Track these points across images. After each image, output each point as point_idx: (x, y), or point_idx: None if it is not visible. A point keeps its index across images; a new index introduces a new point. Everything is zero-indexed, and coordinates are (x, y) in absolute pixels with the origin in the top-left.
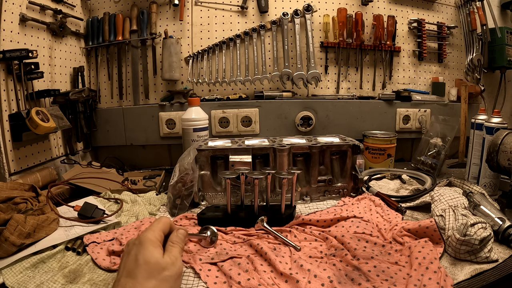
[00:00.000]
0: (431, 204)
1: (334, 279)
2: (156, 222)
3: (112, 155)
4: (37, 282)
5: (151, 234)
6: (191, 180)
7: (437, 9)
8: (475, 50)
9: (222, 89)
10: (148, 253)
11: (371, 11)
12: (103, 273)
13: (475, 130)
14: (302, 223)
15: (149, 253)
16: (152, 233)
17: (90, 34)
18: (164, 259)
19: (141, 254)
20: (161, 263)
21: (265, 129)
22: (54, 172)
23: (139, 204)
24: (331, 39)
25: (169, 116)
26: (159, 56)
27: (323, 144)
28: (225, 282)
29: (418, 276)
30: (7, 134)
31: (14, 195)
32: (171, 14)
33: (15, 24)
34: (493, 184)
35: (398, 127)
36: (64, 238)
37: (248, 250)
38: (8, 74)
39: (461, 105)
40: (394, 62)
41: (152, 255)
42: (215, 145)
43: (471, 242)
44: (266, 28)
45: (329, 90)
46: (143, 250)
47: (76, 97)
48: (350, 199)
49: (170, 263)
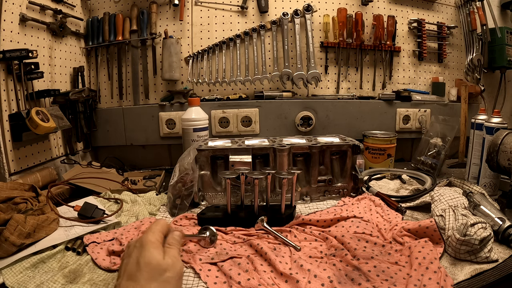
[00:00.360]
0: (431, 204)
1: (334, 279)
2: (154, 224)
3: (112, 155)
4: (37, 282)
5: (151, 236)
6: (191, 180)
7: (437, 9)
8: (475, 50)
9: (222, 89)
10: (149, 255)
11: (371, 11)
12: (103, 273)
13: (475, 130)
14: (302, 223)
15: (150, 254)
16: (153, 235)
17: (90, 34)
18: (165, 261)
19: (142, 257)
20: (162, 265)
21: (265, 129)
22: (54, 172)
23: (139, 204)
24: (331, 39)
25: (169, 116)
26: (159, 56)
27: (323, 144)
28: (225, 282)
29: (418, 276)
30: (7, 134)
31: (14, 195)
32: (171, 14)
33: (15, 24)
34: (493, 184)
35: (398, 127)
36: (64, 238)
37: (248, 250)
38: (8, 74)
39: (461, 105)
40: (394, 62)
41: (153, 257)
42: (215, 145)
43: (471, 242)
44: (266, 28)
45: (329, 90)
46: (144, 252)
47: (76, 97)
48: (350, 199)
49: (171, 264)
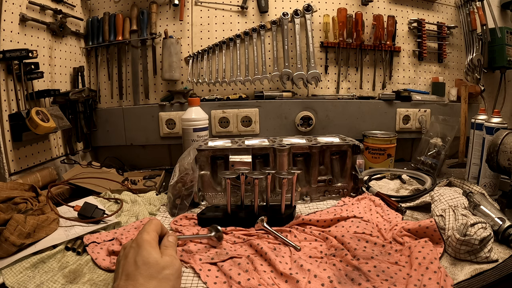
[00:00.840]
0: (431, 204)
1: (334, 279)
2: (147, 224)
3: (112, 155)
4: (37, 282)
5: (147, 236)
6: (191, 180)
7: (437, 9)
8: (475, 50)
9: (222, 89)
10: (146, 254)
11: (371, 11)
12: (103, 273)
13: (475, 130)
14: (302, 223)
15: (147, 253)
16: (148, 234)
17: (90, 34)
18: (163, 259)
19: (139, 256)
20: (160, 263)
21: (265, 129)
22: (54, 172)
23: (139, 204)
24: (331, 39)
25: (169, 116)
26: (159, 56)
27: (323, 144)
28: (225, 282)
29: (418, 276)
30: (7, 134)
31: (14, 195)
32: (171, 14)
33: (15, 24)
34: (493, 184)
35: (398, 127)
36: (64, 238)
37: (248, 250)
38: (8, 74)
39: (461, 105)
40: (394, 62)
41: (150, 255)
42: (215, 145)
43: (471, 242)
44: (266, 28)
45: (329, 90)
46: (141, 251)
47: (76, 97)
48: (350, 199)
49: (169, 262)
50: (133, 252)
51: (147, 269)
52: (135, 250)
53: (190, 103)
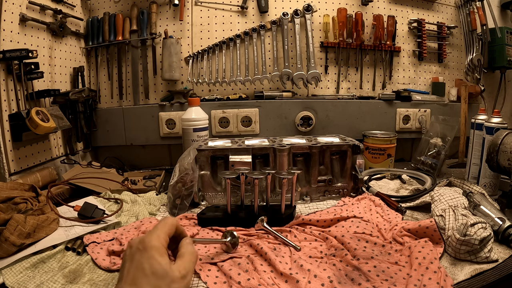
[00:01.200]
0: (431, 204)
1: (334, 279)
2: (161, 224)
3: (112, 155)
4: (37, 282)
5: (156, 240)
6: (191, 180)
7: (437, 9)
8: (475, 50)
9: (222, 89)
10: (155, 262)
11: (371, 11)
12: (103, 273)
13: (475, 130)
14: (302, 223)
15: (156, 262)
16: (157, 239)
17: (90, 34)
18: (173, 271)
19: (147, 263)
20: (169, 275)
21: (265, 129)
22: (54, 172)
23: (139, 204)
24: (331, 39)
25: (169, 116)
26: (159, 56)
27: (323, 144)
28: (225, 282)
29: (418, 276)
30: (7, 134)
31: (14, 195)
32: (171, 14)
33: (15, 24)
34: (493, 184)
35: (398, 127)
36: (64, 238)
37: (248, 250)
38: (8, 74)
39: (461, 105)
40: (394, 62)
41: (159, 265)
42: (215, 145)
43: (471, 242)
44: (266, 28)
45: (329, 90)
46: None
47: (76, 97)
48: (350, 199)
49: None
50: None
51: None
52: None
53: (190, 103)
